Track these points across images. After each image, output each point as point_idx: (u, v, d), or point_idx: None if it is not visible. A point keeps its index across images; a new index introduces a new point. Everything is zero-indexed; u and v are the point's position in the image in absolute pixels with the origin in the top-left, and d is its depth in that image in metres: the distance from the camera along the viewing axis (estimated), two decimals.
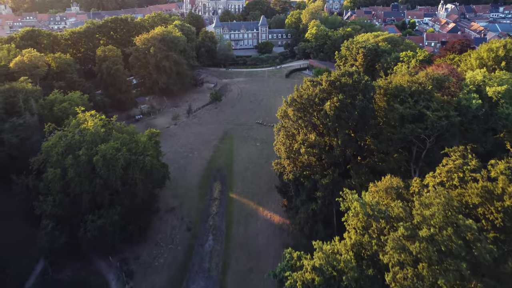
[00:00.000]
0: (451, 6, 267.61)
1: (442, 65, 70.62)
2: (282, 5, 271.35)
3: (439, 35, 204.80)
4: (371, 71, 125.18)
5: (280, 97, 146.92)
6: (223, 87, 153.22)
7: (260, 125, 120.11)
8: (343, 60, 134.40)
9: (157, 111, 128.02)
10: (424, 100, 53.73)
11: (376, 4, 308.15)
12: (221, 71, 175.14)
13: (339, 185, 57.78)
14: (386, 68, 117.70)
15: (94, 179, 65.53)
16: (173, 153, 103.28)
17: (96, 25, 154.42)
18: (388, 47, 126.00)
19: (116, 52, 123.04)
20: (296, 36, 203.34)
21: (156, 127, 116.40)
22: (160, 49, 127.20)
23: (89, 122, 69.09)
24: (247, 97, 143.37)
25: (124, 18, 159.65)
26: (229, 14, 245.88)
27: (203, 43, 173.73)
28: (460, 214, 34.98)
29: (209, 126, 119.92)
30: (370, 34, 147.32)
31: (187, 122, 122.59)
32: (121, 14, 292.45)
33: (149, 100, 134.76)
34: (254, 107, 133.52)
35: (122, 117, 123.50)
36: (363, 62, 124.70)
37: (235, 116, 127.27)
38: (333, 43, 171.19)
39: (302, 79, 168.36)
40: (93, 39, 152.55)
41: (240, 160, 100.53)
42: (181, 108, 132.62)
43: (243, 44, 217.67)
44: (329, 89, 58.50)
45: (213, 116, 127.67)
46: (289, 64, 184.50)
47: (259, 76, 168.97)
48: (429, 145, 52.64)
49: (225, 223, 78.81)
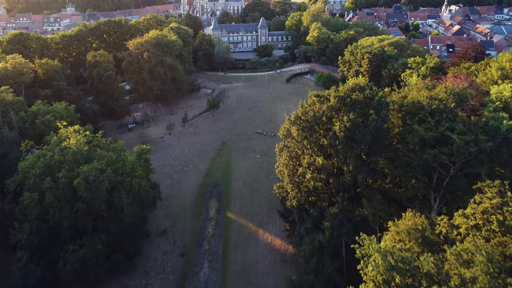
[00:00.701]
0: (455, 8, 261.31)
1: (460, 77, 64.14)
2: (282, 6, 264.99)
3: (444, 38, 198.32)
4: (376, 78, 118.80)
5: (281, 104, 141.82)
6: (221, 93, 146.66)
7: (259, 135, 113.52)
8: (347, 65, 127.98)
9: (151, 119, 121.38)
10: (447, 120, 47.22)
11: (377, 5, 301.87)
12: (219, 75, 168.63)
13: (349, 215, 51.36)
14: (393, 75, 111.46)
15: (75, 204, 58.98)
16: (167, 166, 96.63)
17: (88, 28, 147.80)
18: (394, 52, 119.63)
19: (108, 58, 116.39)
20: (297, 39, 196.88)
21: (149, 137, 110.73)
22: (154, 54, 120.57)
23: (72, 140, 62.44)
24: (246, 104, 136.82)
25: (118, 20, 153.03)
26: (227, 15, 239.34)
27: (200, 46, 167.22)
28: (505, 272, 28.56)
29: (206, 136, 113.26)
30: (374, 38, 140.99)
31: (182, 131, 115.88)
32: (117, 16, 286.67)
33: (143, 107, 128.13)
34: (253, 115, 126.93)
35: (114, 126, 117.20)
36: (369, 68, 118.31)
37: (233, 124, 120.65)
38: (336, 47, 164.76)
39: (303, 84, 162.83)
40: (85, 43, 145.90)
41: (238, 174, 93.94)
42: (176, 116, 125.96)
43: (242, 47, 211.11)
44: (338, 105, 51.97)
45: (210, 124, 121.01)
46: (289, 68, 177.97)
47: (258, 81, 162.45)
48: (453, 172, 46.10)
49: (222, 247, 72.20)
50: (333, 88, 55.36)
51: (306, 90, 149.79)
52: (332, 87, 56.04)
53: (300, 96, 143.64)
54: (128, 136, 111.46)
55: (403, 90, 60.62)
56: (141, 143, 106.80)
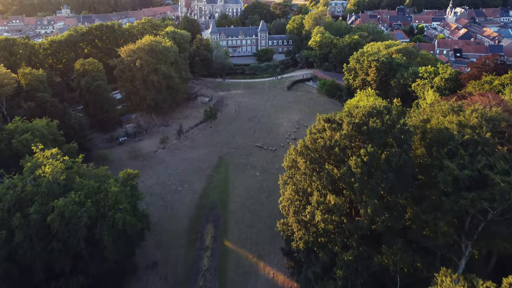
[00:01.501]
0: (461, 10, 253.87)
1: (487, 95, 56.66)
2: (283, 8, 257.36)
3: (451, 42, 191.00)
4: (384, 87, 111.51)
5: (282, 114, 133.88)
6: (219, 101, 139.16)
7: (259, 149, 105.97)
8: (353, 73, 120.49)
9: (144, 131, 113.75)
10: (484, 154, 39.77)
11: (380, 7, 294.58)
12: (217, 82, 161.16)
13: (366, 262, 43.86)
14: (403, 85, 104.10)
15: (50, 242, 51.44)
16: (160, 186, 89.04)
17: (79, 33, 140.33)
18: (403, 60, 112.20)
19: (97, 66, 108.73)
20: (298, 43, 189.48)
21: (141, 152, 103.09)
22: (147, 62, 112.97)
23: (47, 167, 54.86)
24: (245, 113, 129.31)
25: (111, 25, 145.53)
26: (226, 18, 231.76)
27: (197, 51, 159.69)
28: None
29: (202, 150, 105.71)
30: (380, 44, 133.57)
31: (177, 145, 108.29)
32: (113, 18, 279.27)
33: (136, 118, 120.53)
34: (253, 126, 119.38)
35: (103, 139, 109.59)
36: (376, 77, 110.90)
37: (231, 137, 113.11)
38: (339, 52, 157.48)
39: (306, 91, 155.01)
40: (76, 49, 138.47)
41: (236, 195, 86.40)
42: (171, 127, 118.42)
43: (241, 51, 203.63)
44: (353, 134, 44.48)
45: (207, 137, 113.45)
46: (291, 74, 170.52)
47: (258, 87, 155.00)
48: (491, 216, 38.66)
49: (218, 282, 64.68)
50: (344, 114, 47.66)
51: (308, 98, 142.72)
52: (343, 113, 48.29)
53: (302, 104, 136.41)
54: (118, 151, 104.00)
55: (424, 111, 53.06)
56: (132, 158, 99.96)
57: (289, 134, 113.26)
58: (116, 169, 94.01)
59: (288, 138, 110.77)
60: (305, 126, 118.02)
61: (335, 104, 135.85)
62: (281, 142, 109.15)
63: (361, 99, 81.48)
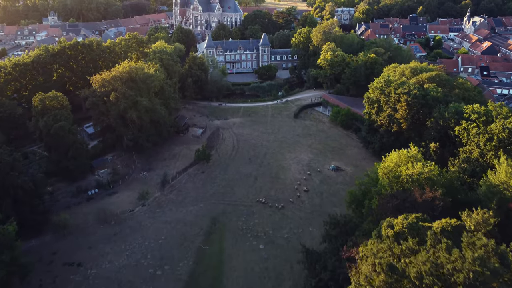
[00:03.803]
0: (480, 20, 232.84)
1: None
2: (286, 17, 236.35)
3: (476, 58, 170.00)
4: (417, 127, 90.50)
5: (289, 152, 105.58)
6: (214, 133, 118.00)
7: (263, 205, 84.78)
8: (376, 106, 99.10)
9: (121, 179, 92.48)
10: None
11: (390, 15, 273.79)
12: (213, 107, 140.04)
13: None
14: (443, 127, 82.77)
15: None
16: (132, 269, 67.62)
17: (50, 53, 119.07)
18: (439, 93, 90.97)
19: (61, 101, 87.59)
20: (305, 59, 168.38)
21: (114, 212, 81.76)
22: (125, 94, 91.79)
23: None
24: (245, 150, 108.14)
25: (88, 43, 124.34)
26: (224, 28, 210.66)
27: (190, 71, 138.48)
28: None
29: (191, 208, 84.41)
30: (405, 67, 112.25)
31: (160, 200, 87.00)
32: (101, 27, 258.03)
33: (112, 161, 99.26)
34: (254, 170, 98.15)
35: (68, 193, 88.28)
36: (407, 114, 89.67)
37: (228, 187, 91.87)
38: (353, 73, 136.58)
39: (316, 120, 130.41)
40: (45, 72, 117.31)
41: (234, 283, 65.16)
42: (155, 172, 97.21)
43: (240, 67, 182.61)
44: None
45: (198, 187, 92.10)
46: (297, 96, 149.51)
47: (260, 114, 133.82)
48: None
49: None
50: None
51: (319, 130, 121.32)
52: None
53: (313, 138, 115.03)
54: (84, 210, 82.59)
55: None
56: (101, 221, 78.71)
57: (299, 183, 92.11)
58: (77, 243, 73.25)
59: (298, 189, 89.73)
60: (318, 171, 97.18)
61: (351, 138, 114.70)
62: (290, 194, 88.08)
63: (401, 161, 60.28)
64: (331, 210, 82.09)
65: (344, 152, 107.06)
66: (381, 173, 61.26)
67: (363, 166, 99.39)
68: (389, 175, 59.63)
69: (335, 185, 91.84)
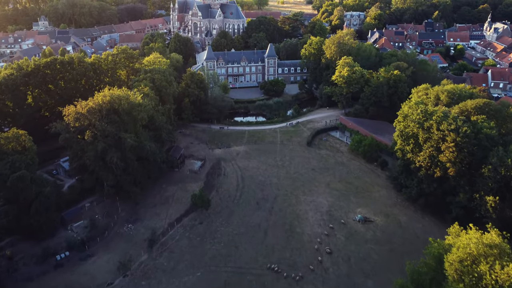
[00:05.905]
0: (503, 26, 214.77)
1: None
2: (292, 23, 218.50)
3: (508, 72, 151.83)
4: (468, 174, 72.45)
5: (305, 195, 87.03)
6: (214, 168, 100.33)
7: (276, 274, 67.04)
8: (412, 143, 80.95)
9: (99, 238, 74.60)
10: None
11: (403, 21, 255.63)
12: (214, 131, 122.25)
13: None
14: (503, 177, 65.06)
15: None
16: None
17: (22, 72, 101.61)
18: (494, 130, 73.01)
19: (23, 142, 69.86)
20: (316, 73, 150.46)
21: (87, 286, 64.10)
22: (104, 132, 74.03)
23: None
24: (252, 190, 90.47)
25: (68, 60, 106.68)
26: (226, 36, 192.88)
27: (187, 90, 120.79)
28: None
29: (186, 279, 66.64)
30: (439, 90, 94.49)
31: (146, 267, 69.09)
32: (94, 34, 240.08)
33: (91, 208, 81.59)
34: (263, 220, 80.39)
35: (32, 258, 70.29)
36: (455, 158, 71.66)
37: (232, 245, 74.04)
38: (374, 92, 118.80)
39: (333, 149, 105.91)
40: (16, 95, 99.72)
41: None
42: (142, 224, 79.54)
43: (244, 81, 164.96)
44: None
45: (195, 245, 74.21)
46: (308, 117, 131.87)
47: (267, 141, 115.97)
48: None
49: None
50: None
51: (338, 163, 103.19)
52: None
53: (331, 174, 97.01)
54: (51, 285, 64.85)
55: None
56: None
57: (319, 241, 74.28)
58: None
59: (319, 250, 71.94)
60: (341, 222, 79.23)
61: (377, 175, 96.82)
62: (309, 258, 70.35)
63: (479, 252, 42.46)
64: (363, 283, 64.80)
65: (371, 194, 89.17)
66: (450, 268, 43.50)
67: (396, 215, 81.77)
68: (464, 274, 41.89)
69: (365, 244, 73.92)
